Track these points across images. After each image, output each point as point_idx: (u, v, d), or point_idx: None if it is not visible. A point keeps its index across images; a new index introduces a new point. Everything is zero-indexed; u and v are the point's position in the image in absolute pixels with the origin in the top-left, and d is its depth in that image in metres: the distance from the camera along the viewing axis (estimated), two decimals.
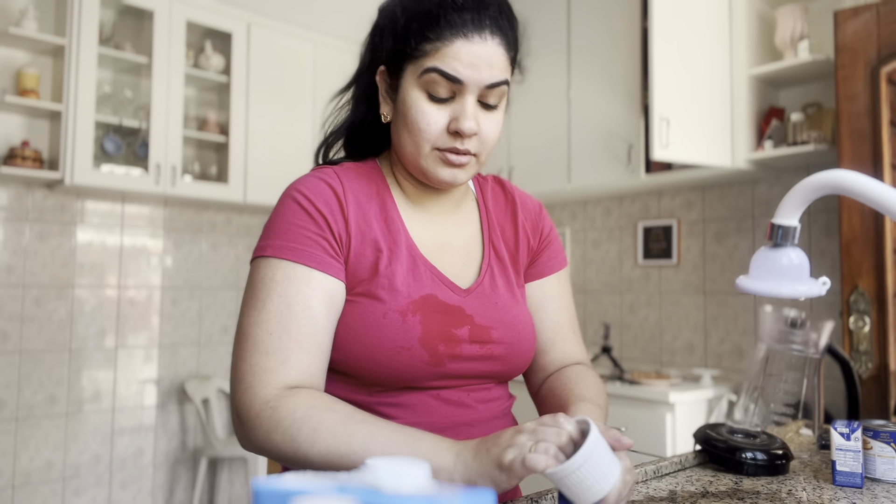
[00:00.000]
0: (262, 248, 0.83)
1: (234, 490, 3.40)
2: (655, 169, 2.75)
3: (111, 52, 2.90)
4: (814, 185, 0.82)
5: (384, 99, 0.89)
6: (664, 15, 2.43)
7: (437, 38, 0.81)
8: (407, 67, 0.84)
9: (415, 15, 0.82)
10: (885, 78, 2.08)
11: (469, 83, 0.81)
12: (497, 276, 0.94)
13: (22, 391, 2.84)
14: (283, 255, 0.81)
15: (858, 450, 0.93)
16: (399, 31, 0.84)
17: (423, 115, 0.83)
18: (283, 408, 0.74)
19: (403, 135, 0.86)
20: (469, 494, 0.40)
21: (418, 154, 0.85)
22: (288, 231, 0.82)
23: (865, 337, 2.07)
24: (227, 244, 3.50)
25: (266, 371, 0.77)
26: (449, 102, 0.83)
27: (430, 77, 0.81)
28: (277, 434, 0.73)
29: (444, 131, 0.83)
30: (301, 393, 0.76)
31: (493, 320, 0.89)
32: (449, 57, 0.80)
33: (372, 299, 0.83)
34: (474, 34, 0.81)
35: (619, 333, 3.18)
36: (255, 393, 0.76)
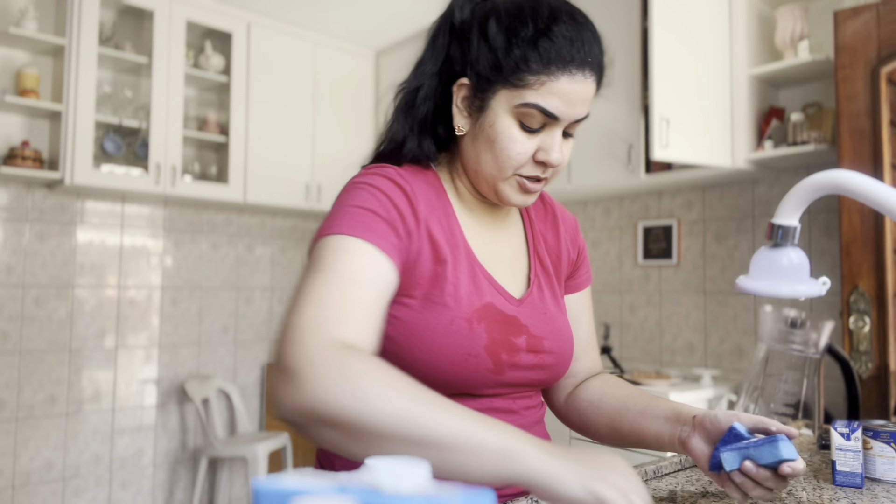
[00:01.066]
0: (329, 226, 0.77)
1: (234, 490, 3.40)
2: (655, 169, 2.75)
3: (111, 52, 2.90)
4: (814, 185, 0.82)
5: (460, 111, 0.86)
6: (664, 15, 2.43)
7: (541, 71, 0.79)
8: (500, 91, 0.81)
9: (519, 37, 0.79)
10: (885, 78, 2.08)
11: (563, 119, 0.82)
12: (543, 286, 0.95)
13: (22, 391, 2.84)
14: (354, 232, 0.76)
15: (858, 450, 0.93)
16: (498, 50, 0.80)
17: (514, 143, 0.82)
18: (348, 358, 0.65)
19: (486, 155, 0.84)
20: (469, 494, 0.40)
21: (499, 177, 0.85)
22: (357, 213, 0.78)
23: (865, 337, 2.07)
24: (227, 244, 3.50)
25: (327, 322, 0.69)
26: (538, 132, 0.83)
27: (529, 111, 0.80)
28: (343, 384, 0.63)
29: (531, 160, 0.84)
30: (364, 352, 0.69)
31: (544, 330, 0.90)
32: (551, 93, 0.79)
33: (437, 304, 0.82)
34: (578, 72, 0.80)
35: (619, 333, 3.18)
36: (316, 343, 0.66)
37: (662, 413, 0.89)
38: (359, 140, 3.78)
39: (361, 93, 3.82)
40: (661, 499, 0.90)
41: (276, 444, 3.15)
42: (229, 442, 3.14)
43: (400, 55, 3.78)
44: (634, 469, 0.67)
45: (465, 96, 0.85)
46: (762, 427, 0.80)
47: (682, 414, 0.88)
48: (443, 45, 0.88)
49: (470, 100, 0.85)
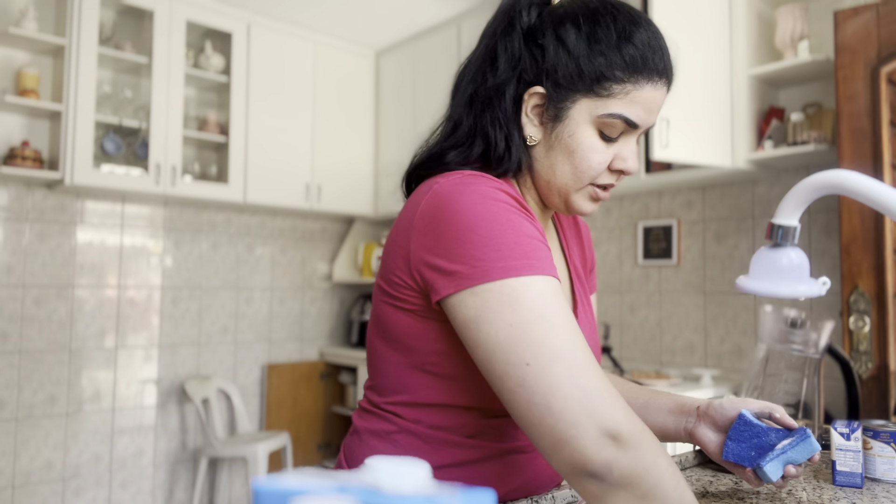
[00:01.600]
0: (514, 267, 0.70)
1: (234, 490, 3.40)
2: (655, 169, 2.74)
3: (111, 52, 2.90)
4: (814, 185, 0.82)
5: (530, 120, 0.81)
6: (664, 15, 2.43)
7: (628, 80, 0.77)
8: (581, 100, 0.78)
9: (602, 44, 0.77)
10: (885, 78, 2.08)
11: (642, 127, 0.81)
12: (583, 297, 0.95)
13: (22, 391, 2.84)
14: (546, 271, 0.71)
15: (858, 450, 0.93)
16: (580, 57, 0.77)
17: (595, 153, 0.80)
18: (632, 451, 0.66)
19: (562, 166, 0.81)
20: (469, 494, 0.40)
21: (575, 187, 0.82)
22: (532, 246, 0.72)
23: (865, 337, 2.07)
24: (227, 244, 3.50)
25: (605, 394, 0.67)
26: (614, 142, 0.81)
27: (612, 122, 0.78)
28: (662, 457, 0.66)
29: (607, 169, 0.82)
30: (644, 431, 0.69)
31: (593, 341, 0.91)
32: (635, 102, 0.78)
33: None
34: (659, 80, 0.79)
35: (619, 333, 3.18)
36: (627, 410, 0.67)
37: (666, 406, 0.90)
38: (359, 140, 3.78)
39: (361, 93, 3.82)
40: None
41: (276, 444, 3.15)
42: (229, 442, 3.14)
43: (400, 55, 3.78)
44: None
45: (537, 105, 0.81)
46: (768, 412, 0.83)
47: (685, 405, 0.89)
48: (515, 49, 0.81)
49: (543, 108, 0.81)
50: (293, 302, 3.77)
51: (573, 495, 0.89)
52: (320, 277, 3.90)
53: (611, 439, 0.65)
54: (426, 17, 3.46)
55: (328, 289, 3.93)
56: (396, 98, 3.78)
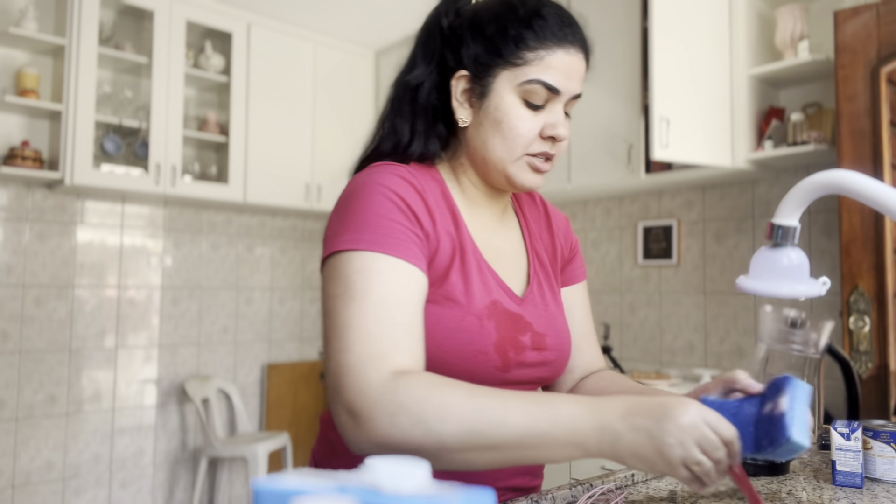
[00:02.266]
0: (351, 240, 0.77)
1: (234, 490, 3.40)
2: (655, 169, 2.74)
3: (111, 52, 2.90)
4: (814, 185, 0.82)
5: (461, 104, 0.88)
6: (664, 15, 2.43)
7: (539, 46, 0.83)
8: (501, 74, 0.84)
9: (511, 21, 0.84)
10: (885, 78, 2.08)
11: (565, 93, 0.85)
12: (543, 284, 0.96)
13: (22, 391, 2.84)
14: (380, 248, 0.76)
15: (858, 450, 0.93)
16: (491, 36, 0.84)
17: (521, 120, 0.84)
18: (402, 389, 0.68)
19: (493, 140, 0.86)
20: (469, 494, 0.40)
21: (509, 159, 0.86)
22: (380, 224, 0.77)
23: (865, 337, 2.07)
24: (227, 244, 3.50)
25: (377, 356, 0.71)
26: (541, 110, 0.85)
27: (533, 88, 0.83)
28: (403, 417, 0.67)
29: (538, 137, 0.85)
30: (415, 373, 0.71)
31: (546, 328, 0.91)
32: (550, 67, 0.83)
33: (450, 301, 0.82)
34: (571, 47, 0.84)
35: (619, 333, 3.18)
36: (369, 380, 0.69)
37: None
38: (359, 140, 3.77)
39: (361, 93, 3.82)
40: (661, 499, 0.90)
41: (276, 444, 3.15)
42: (229, 442, 3.14)
43: (400, 55, 3.77)
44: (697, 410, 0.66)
45: (465, 88, 0.87)
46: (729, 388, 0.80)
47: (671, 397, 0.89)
48: (434, 47, 0.90)
49: (470, 90, 0.87)
50: (293, 302, 3.77)
51: (573, 495, 0.89)
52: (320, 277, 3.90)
53: (350, 416, 0.69)
54: (425, 17, 3.46)
55: None
56: None
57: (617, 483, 0.93)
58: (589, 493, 0.88)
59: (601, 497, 0.88)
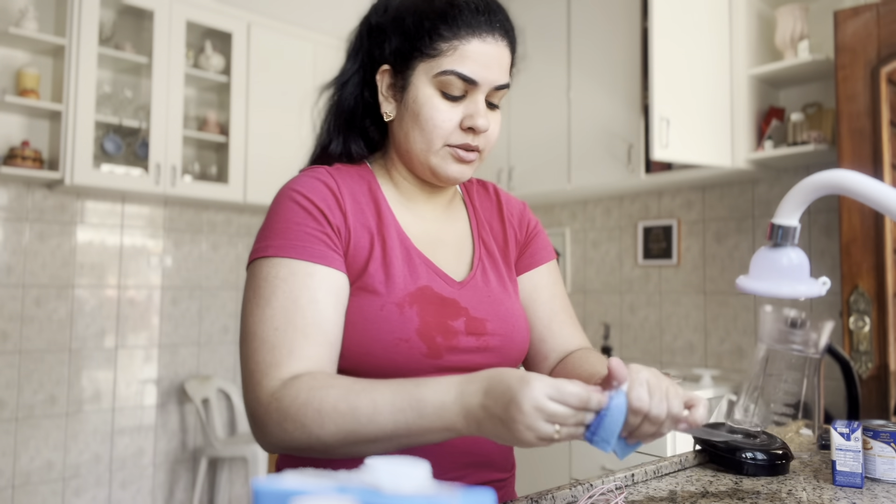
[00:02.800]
0: (261, 248, 0.82)
1: (234, 490, 3.40)
2: (655, 169, 2.75)
3: (111, 52, 2.90)
4: (814, 185, 0.82)
5: (385, 98, 0.89)
6: (664, 15, 2.43)
7: (453, 37, 0.83)
8: (418, 66, 0.85)
9: (427, 13, 0.84)
10: (885, 78, 2.08)
11: (482, 84, 0.84)
12: (489, 270, 0.95)
13: (22, 391, 2.84)
14: (284, 253, 0.80)
15: (858, 450, 0.93)
16: (408, 29, 0.85)
17: (437, 112, 0.84)
18: (286, 396, 0.73)
19: (413, 132, 0.86)
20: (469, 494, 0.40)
21: (429, 151, 0.86)
22: (287, 230, 0.82)
23: (865, 337, 2.07)
24: (227, 244, 3.50)
25: (272, 365, 0.76)
26: (461, 101, 0.85)
27: (447, 79, 0.83)
28: (288, 423, 0.72)
29: (457, 128, 0.85)
30: (301, 377, 0.74)
31: (486, 312, 0.90)
32: (466, 58, 0.83)
33: (368, 292, 0.83)
34: (488, 35, 0.84)
35: (619, 333, 3.18)
36: (263, 388, 0.75)
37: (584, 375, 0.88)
38: None
39: None
40: (661, 499, 0.90)
41: None
42: (229, 442, 3.14)
43: None
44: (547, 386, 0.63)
45: (389, 83, 0.88)
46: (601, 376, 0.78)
47: None
48: (359, 44, 0.92)
49: (393, 84, 0.88)
50: None
51: (573, 495, 0.89)
52: None
53: (251, 421, 0.77)
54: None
55: None
56: None
57: (617, 483, 0.93)
58: (589, 493, 0.88)
59: (601, 497, 0.88)
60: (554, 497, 0.87)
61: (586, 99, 2.98)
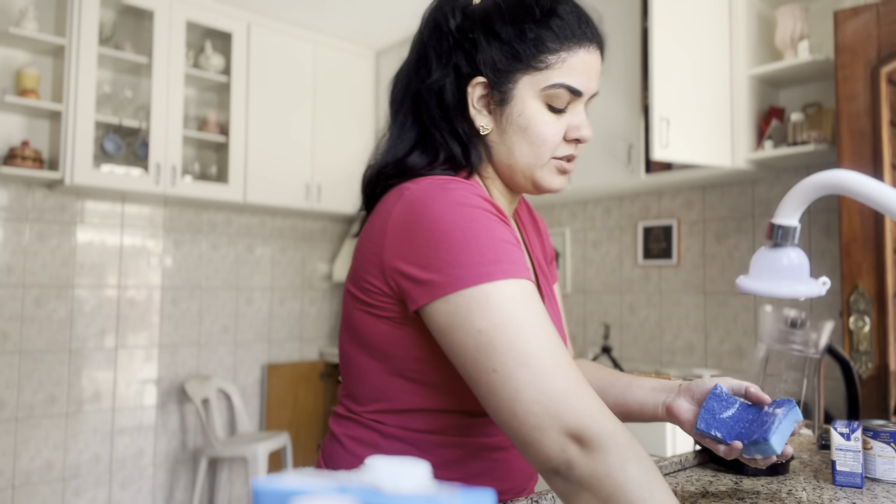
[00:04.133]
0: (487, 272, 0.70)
1: (234, 490, 3.40)
2: (655, 169, 2.74)
3: (111, 52, 2.90)
4: (814, 185, 0.82)
5: (479, 111, 0.83)
6: (664, 15, 2.43)
7: (561, 49, 0.80)
8: (522, 79, 0.81)
9: (529, 23, 0.80)
10: (885, 78, 2.08)
11: (586, 94, 0.84)
12: (547, 287, 0.96)
13: (22, 391, 2.84)
14: (519, 274, 0.72)
15: (858, 450, 0.93)
16: (511, 39, 0.80)
17: (547, 126, 0.82)
18: (634, 439, 0.66)
19: (520, 146, 0.83)
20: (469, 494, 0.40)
21: (537, 164, 0.84)
22: (505, 249, 0.72)
23: (865, 337, 2.07)
24: (227, 244, 3.50)
25: (588, 392, 0.68)
26: (563, 112, 0.83)
27: (556, 92, 0.81)
28: (633, 464, 0.64)
29: (563, 140, 0.84)
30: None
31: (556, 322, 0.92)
32: (573, 70, 0.81)
33: None
34: (590, 45, 0.83)
35: (619, 333, 3.18)
36: (597, 410, 0.66)
37: (648, 384, 0.91)
38: (359, 140, 3.78)
39: (361, 93, 3.82)
40: None
41: (276, 444, 3.15)
42: (229, 442, 3.14)
43: (400, 55, 3.77)
44: None
45: (482, 95, 0.83)
46: (743, 389, 0.84)
47: (668, 384, 0.89)
48: (447, 49, 0.84)
49: (488, 97, 0.83)
50: (293, 302, 3.77)
51: None
52: (320, 277, 3.90)
53: (574, 440, 0.65)
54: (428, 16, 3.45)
55: (328, 289, 3.93)
56: None
57: None
58: None
59: None
60: (554, 497, 0.87)
61: None
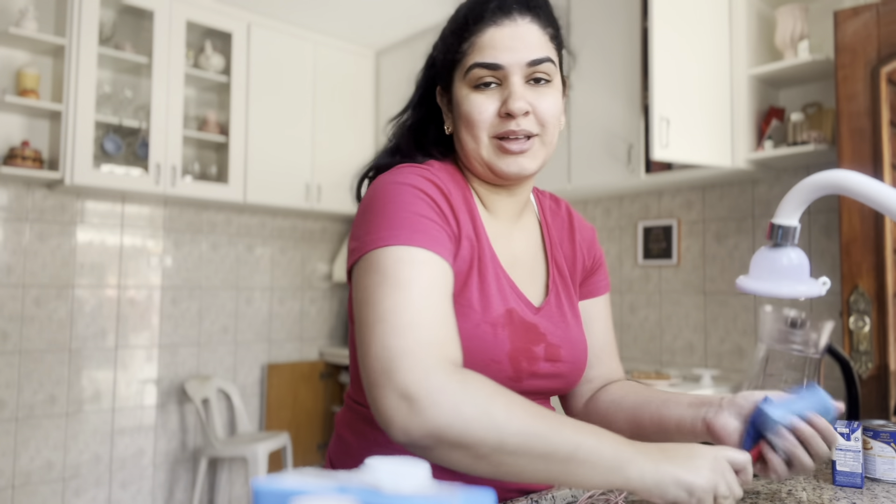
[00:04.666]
0: (387, 237, 0.74)
1: (234, 490, 3.40)
2: (655, 169, 2.74)
3: (111, 52, 2.90)
4: (814, 185, 0.82)
5: (447, 115, 0.92)
6: (664, 15, 2.43)
7: (470, 35, 0.85)
8: (455, 75, 0.88)
9: (452, 28, 0.89)
10: (885, 78, 2.08)
11: (510, 65, 0.83)
12: (561, 294, 0.94)
13: (22, 391, 2.84)
14: (417, 242, 0.73)
15: (858, 450, 0.93)
16: (445, 48, 0.89)
17: (473, 105, 0.85)
18: (472, 380, 0.66)
19: (462, 134, 0.87)
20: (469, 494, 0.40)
21: (478, 146, 0.86)
22: (415, 221, 0.75)
23: (865, 337, 2.07)
24: (227, 244, 3.50)
25: (435, 344, 0.67)
26: (497, 89, 0.85)
27: (474, 73, 0.84)
28: (469, 406, 0.64)
29: (496, 116, 0.84)
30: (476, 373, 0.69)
31: (561, 339, 0.90)
32: (484, 47, 0.84)
33: (465, 308, 0.80)
34: (503, 18, 0.84)
35: (619, 333, 3.18)
36: (431, 366, 0.65)
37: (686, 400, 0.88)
38: (359, 140, 3.78)
39: (361, 93, 3.82)
40: None
41: (276, 444, 3.15)
42: (229, 442, 3.14)
43: (400, 55, 3.78)
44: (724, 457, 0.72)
45: (445, 100, 0.92)
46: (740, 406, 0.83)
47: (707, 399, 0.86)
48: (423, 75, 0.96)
49: (447, 101, 0.91)
50: (293, 302, 3.77)
51: (573, 495, 0.89)
52: (320, 277, 3.90)
53: (404, 401, 0.64)
54: (425, 17, 3.46)
55: (328, 289, 3.93)
56: (396, 98, 3.77)
57: None
58: (589, 493, 0.88)
59: (601, 497, 0.88)
60: (554, 497, 0.87)
61: (586, 99, 2.98)
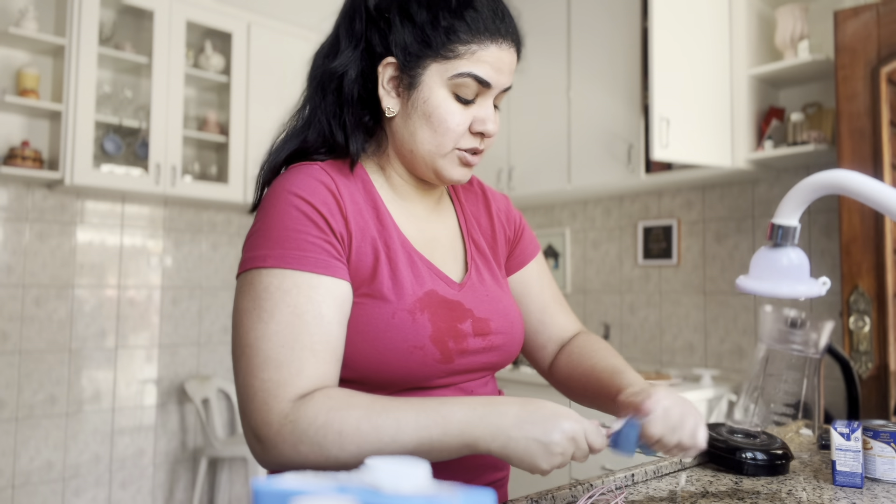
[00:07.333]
0: (259, 258, 0.77)
1: (234, 490, 3.40)
2: (655, 169, 2.75)
3: (111, 52, 2.90)
4: (814, 185, 0.82)
5: (387, 92, 0.84)
6: (664, 15, 2.43)
7: (472, 40, 0.81)
8: (431, 65, 0.81)
9: (443, 10, 0.80)
10: (885, 78, 2.08)
11: (495, 87, 0.84)
12: (482, 268, 0.95)
13: (22, 391, 2.84)
14: (286, 264, 0.76)
15: (858, 450, 0.93)
16: (424, 25, 0.81)
17: (451, 115, 0.82)
18: (302, 418, 0.71)
19: (421, 133, 0.83)
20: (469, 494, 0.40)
21: (438, 153, 0.84)
22: (287, 238, 0.77)
23: (865, 337, 2.07)
24: (227, 244, 3.50)
25: (280, 384, 0.73)
26: (471, 104, 0.84)
27: (464, 81, 0.81)
28: (304, 446, 0.70)
29: (467, 132, 0.84)
30: (316, 397, 0.72)
31: (489, 312, 0.90)
32: (482, 61, 0.81)
33: (378, 300, 0.81)
34: (503, 41, 0.83)
35: (619, 333, 3.18)
36: (272, 409, 0.72)
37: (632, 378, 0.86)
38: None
39: None
40: (661, 499, 0.90)
41: None
42: (229, 442, 3.14)
43: None
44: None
45: (393, 76, 0.84)
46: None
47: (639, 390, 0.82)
48: (360, 29, 0.85)
49: (398, 79, 0.83)
50: None
51: (573, 495, 0.89)
52: None
53: (255, 440, 0.74)
54: None
55: None
56: None
57: (617, 483, 0.93)
58: (589, 493, 0.88)
59: (601, 497, 0.88)
60: (554, 497, 0.87)
61: (586, 99, 2.98)
